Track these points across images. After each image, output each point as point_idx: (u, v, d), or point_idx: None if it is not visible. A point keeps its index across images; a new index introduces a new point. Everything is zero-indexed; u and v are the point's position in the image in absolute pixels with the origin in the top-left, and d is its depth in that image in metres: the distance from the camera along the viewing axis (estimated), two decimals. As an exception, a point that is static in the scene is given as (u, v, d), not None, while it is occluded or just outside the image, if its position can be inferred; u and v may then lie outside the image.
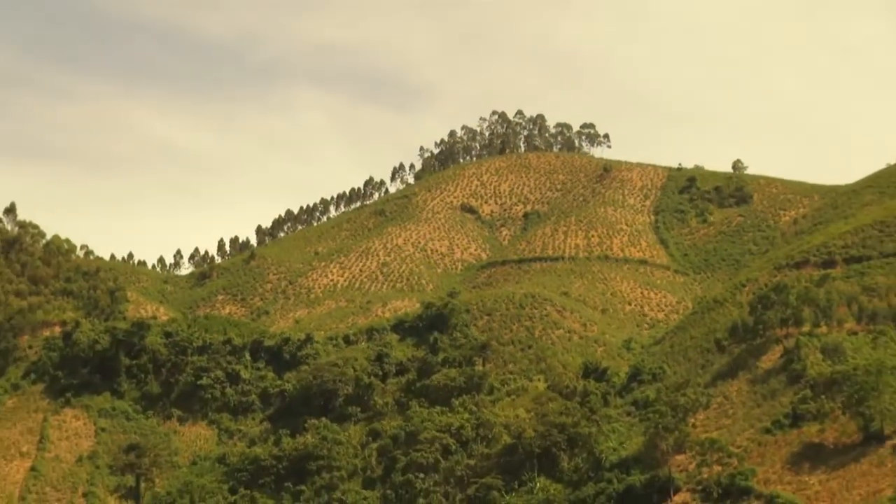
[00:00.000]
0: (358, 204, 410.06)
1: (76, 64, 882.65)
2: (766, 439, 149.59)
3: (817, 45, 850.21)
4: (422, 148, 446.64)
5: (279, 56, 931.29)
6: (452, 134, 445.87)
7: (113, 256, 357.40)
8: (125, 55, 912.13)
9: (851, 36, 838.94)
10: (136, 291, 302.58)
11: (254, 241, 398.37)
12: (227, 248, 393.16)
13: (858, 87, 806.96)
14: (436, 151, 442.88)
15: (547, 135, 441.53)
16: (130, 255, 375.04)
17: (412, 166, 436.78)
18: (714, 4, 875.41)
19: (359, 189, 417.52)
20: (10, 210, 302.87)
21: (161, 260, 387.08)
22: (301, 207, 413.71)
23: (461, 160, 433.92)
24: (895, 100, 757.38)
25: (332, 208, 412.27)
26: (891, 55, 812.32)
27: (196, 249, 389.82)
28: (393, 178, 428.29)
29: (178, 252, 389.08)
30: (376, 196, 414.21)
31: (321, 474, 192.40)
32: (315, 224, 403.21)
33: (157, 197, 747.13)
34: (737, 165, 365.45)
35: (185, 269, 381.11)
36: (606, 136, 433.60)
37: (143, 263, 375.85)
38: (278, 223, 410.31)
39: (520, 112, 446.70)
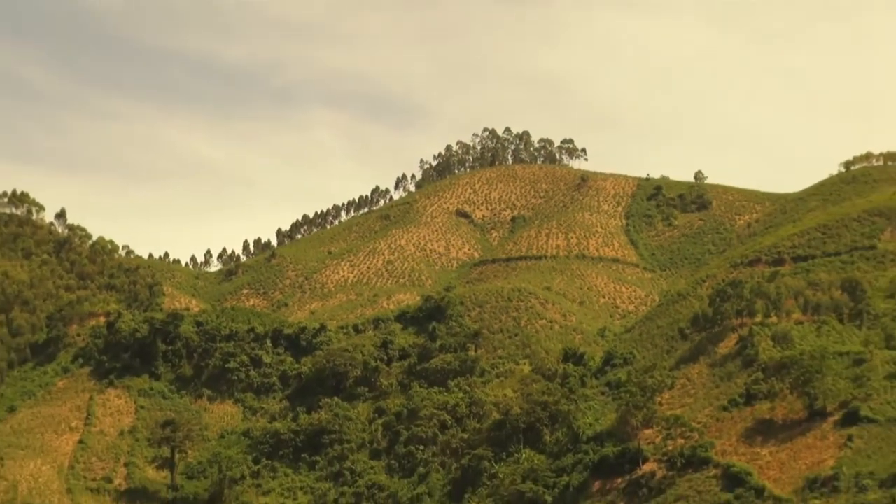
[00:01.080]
0: (365, 209, 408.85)
1: (119, 87, 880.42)
2: (724, 416, 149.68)
3: (765, 72, 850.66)
4: (422, 160, 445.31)
5: (296, 81, 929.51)
6: (448, 148, 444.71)
7: (151, 255, 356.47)
8: (162, 80, 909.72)
9: (793, 63, 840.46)
10: (171, 286, 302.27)
11: (274, 242, 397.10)
12: (251, 248, 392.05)
13: (803, 106, 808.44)
14: (434, 163, 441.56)
15: (531, 149, 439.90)
16: (166, 255, 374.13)
17: (413, 176, 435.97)
18: (676, 35, 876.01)
19: (366, 196, 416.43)
20: (61, 215, 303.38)
21: (193, 258, 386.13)
22: (315, 213, 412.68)
23: (456, 171, 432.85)
24: (834, 118, 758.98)
25: (342, 213, 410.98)
26: (825, 80, 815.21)
27: (224, 249, 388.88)
28: (396, 187, 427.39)
29: (208, 252, 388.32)
30: (382, 202, 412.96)
31: (333, 446, 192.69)
32: (328, 227, 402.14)
33: (190, 204, 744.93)
34: (698, 176, 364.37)
35: (214, 266, 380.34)
36: (584, 150, 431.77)
37: (177, 262, 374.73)
38: (296, 226, 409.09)
39: (507, 129, 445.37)
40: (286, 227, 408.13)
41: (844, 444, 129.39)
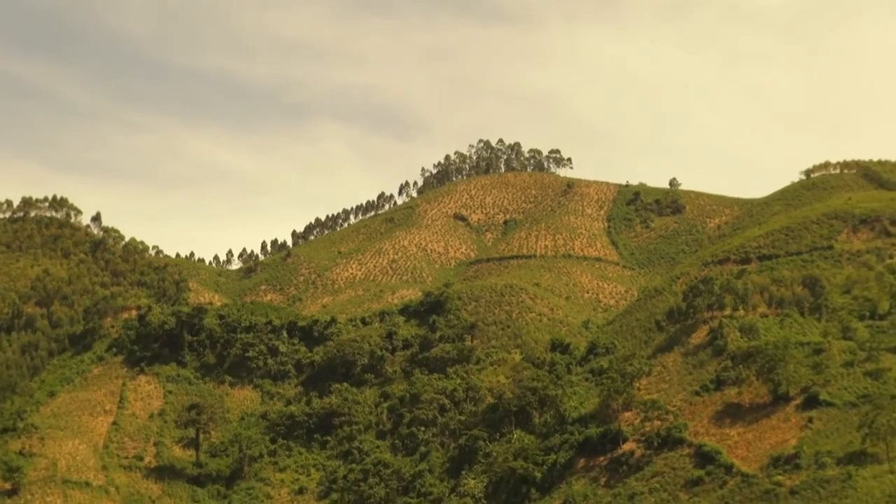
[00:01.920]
0: (372, 213, 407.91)
1: (149, 103, 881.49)
2: (696, 400, 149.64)
3: (733, 89, 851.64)
4: (423, 169, 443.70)
5: (308, 97, 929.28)
6: (447, 158, 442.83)
7: (178, 255, 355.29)
8: (188, 96, 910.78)
9: (758, 82, 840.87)
10: (196, 282, 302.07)
11: (289, 243, 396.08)
12: (268, 248, 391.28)
13: (767, 120, 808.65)
14: (434, 171, 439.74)
15: (522, 158, 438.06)
16: (192, 254, 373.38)
17: (415, 183, 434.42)
18: (653, 57, 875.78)
19: (372, 201, 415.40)
20: (96, 218, 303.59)
21: (216, 257, 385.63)
22: (327, 216, 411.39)
23: (454, 178, 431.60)
24: (796, 131, 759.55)
25: (351, 217, 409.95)
26: (787, 96, 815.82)
27: (244, 249, 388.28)
28: (400, 193, 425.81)
29: (230, 251, 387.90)
30: (387, 207, 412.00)
31: (343, 428, 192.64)
32: (338, 229, 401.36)
33: (213, 208, 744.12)
34: (672, 182, 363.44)
35: (235, 264, 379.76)
36: (569, 159, 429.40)
37: (201, 260, 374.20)
38: (309, 228, 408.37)
39: (500, 140, 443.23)
40: (300, 229, 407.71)
41: (805, 426, 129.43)
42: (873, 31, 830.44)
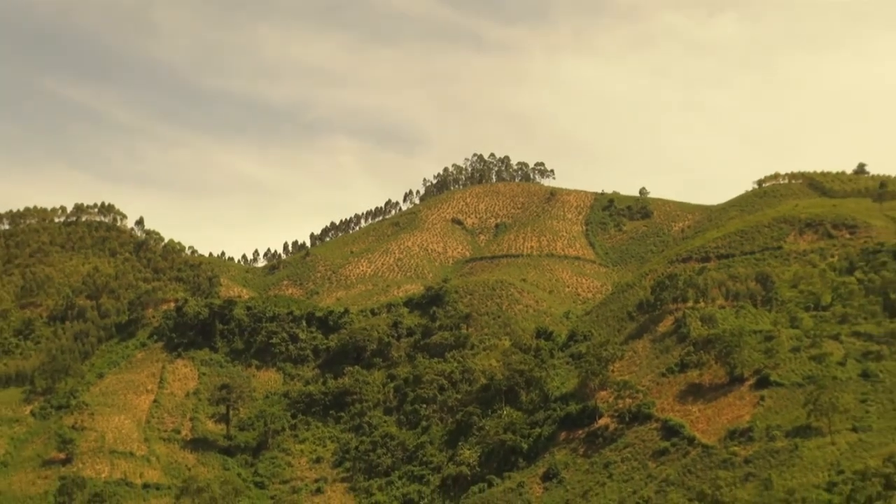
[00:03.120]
0: (380, 218, 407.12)
1: (184, 121, 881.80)
2: (662, 380, 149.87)
3: (695, 109, 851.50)
4: (424, 179, 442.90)
5: (324, 116, 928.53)
6: (445, 169, 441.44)
7: (210, 254, 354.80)
8: (218, 115, 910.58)
9: (716, 104, 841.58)
10: (226, 278, 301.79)
11: (308, 244, 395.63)
12: (290, 248, 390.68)
13: (725, 136, 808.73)
14: (434, 181, 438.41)
15: (511, 170, 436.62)
16: (222, 253, 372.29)
17: (417, 192, 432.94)
18: (623, 80, 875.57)
19: (380, 207, 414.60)
20: (140, 222, 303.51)
21: (244, 256, 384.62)
22: (340, 220, 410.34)
23: (452, 188, 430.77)
24: (750, 145, 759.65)
25: (362, 221, 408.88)
26: (742, 116, 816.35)
27: (268, 249, 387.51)
28: (404, 200, 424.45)
29: (256, 251, 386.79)
30: (393, 212, 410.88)
31: (354, 405, 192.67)
32: (350, 232, 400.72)
33: (241, 213, 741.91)
34: (642, 191, 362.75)
35: (261, 262, 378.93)
36: (552, 170, 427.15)
37: (231, 259, 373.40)
38: (325, 231, 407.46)
39: (492, 154, 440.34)
40: (317, 231, 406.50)
41: (758, 403, 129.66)
42: (816, 60, 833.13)
